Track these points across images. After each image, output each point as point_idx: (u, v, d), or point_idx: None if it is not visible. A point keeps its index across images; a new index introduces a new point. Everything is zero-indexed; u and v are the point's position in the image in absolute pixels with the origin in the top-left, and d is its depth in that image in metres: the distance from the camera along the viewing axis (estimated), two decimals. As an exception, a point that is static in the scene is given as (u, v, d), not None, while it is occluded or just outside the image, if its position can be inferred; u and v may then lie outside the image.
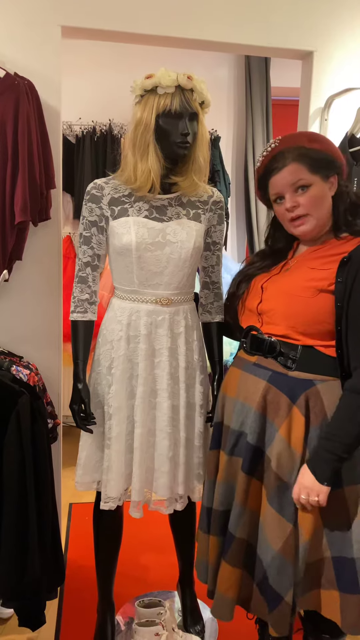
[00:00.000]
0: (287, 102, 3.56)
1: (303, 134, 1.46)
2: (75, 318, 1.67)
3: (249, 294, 1.49)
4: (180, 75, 1.48)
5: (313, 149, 1.38)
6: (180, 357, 1.65)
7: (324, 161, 1.38)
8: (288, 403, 1.36)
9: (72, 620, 1.98)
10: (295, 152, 1.38)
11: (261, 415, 1.39)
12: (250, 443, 1.41)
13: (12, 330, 2.03)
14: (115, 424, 1.62)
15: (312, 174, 1.37)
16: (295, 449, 1.35)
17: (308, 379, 1.36)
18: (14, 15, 1.87)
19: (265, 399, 1.39)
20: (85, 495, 1.86)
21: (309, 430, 1.35)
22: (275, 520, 1.36)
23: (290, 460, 1.36)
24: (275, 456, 1.37)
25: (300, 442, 1.35)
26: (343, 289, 1.31)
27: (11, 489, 1.54)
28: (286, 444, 1.36)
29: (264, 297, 1.44)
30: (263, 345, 1.41)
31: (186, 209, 1.63)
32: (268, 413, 1.39)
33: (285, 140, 1.42)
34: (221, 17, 2.01)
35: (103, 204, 1.60)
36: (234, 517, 1.43)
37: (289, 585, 1.35)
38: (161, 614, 1.86)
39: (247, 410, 1.42)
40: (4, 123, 1.75)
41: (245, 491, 1.42)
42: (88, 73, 3.27)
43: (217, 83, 3.39)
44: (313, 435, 1.35)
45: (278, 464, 1.36)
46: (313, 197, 1.37)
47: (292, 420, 1.36)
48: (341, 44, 2.11)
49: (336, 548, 1.35)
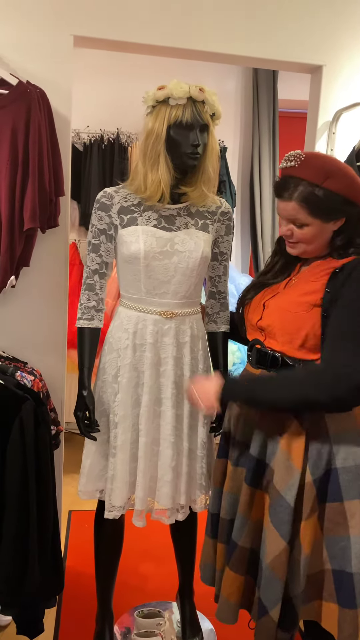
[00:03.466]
0: (294, 115, 3.58)
1: (326, 165, 1.32)
2: (82, 325, 1.67)
3: (251, 309, 1.51)
4: (192, 87, 1.49)
5: (325, 189, 1.29)
6: (185, 366, 1.66)
7: (331, 207, 1.32)
8: (289, 417, 1.37)
9: (71, 629, 1.96)
10: (303, 191, 1.30)
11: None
12: (253, 455, 1.42)
13: (17, 336, 2.03)
14: (121, 432, 1.62)
15: (312, 217, 1.32)
16: (294, 464, 1.35)
17: None
18: (27, 25, 1.89)
19: (266, 413, 1.40)
20: (85, 502, 1.85)
21: (309, 444, 1.35)
22: (272, 535, 1.36)
23: (289, 475, 1.35)
24: (275, 469, 1.37)
25: (300, 457, 1.35)
26: (330, 298, 1.31)
27: (13, 494, 1.53)
28: (286, 457, 1.36)
29: (264, 314, 1.45)
30: (266, 358, 1.42)
31: (194, 219, 1.64)
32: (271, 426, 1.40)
33: (305, 164, 1.31)
34: (231, 30, 2.03)
35: (112, 212, 1.61)
36: (237, 526, 1.44)
37: (276, 601, 1.36)
38: (160, 625, 1.85)
39: (250, 423, 1.43)
40: (16, 130, 1.76)
41: (248, 503, 1.42)
42: (97, 81, 3.30)
43: (225, 94, 3.41)
44: (313, 450, 1.35)
45: (277, 478, 1.37)
46: (307, 234, 1.35)
47: (292, 434, 1.36)
48: (350, 58, 2.12)
49: (336, 562, 1.35)
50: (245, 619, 1.52)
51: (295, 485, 1.34)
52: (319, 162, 1.33)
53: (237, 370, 3.00)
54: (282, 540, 1.34)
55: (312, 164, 1.32)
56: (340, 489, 1.33)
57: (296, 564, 1.36)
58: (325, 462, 1.35)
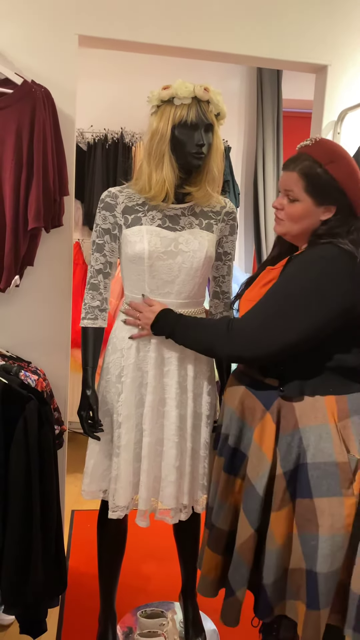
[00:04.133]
0: (298, 114, 3.58)
1: (334, 150, 1.37)
2: (86, 325, 1.67)
3: (240, 304, 1.54)
4: (197, 87, 1.49)
5: (326, 170, 1.33)
6: (189, 366, 1.65)
7: (325, 189, 1.34)
8: (262, 409, 1.41)
9: (73, 628, 1.96)
10: (306, 165, 1.34)
11: (239, 419, 1.46)
12: (230, 445, 1.48)
13: (21, 335, 2.03)
14: (125, 432, 1.62)
15: (305, 192, 1.34)
16: (266, 454, 1.38)
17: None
18: (33, 24, 1.89)
19: (243, 403, 1.46)
20: (88, 502, 1.85)
21: (280, 437, 1.38)
22: (243, 521, 1.41)
23: (260, 465, 1.39)
24: (249, 458, 1.43)
25: (270, 448, 1.38)
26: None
27: (16, 493, 1.53)
28: (258, 447, 1.40)
29: (239, 307, 1.50)
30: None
31: (199, 218, 1.64)
32: (246, 417, 1.45)
33: (317, 145, 1.37)
34: (235, 30, 2.02)
35: (117, 212, 1.61)
36: (215, 509, 1.52)
37: (242, 583, 1.42)
38: (163, 625, 1.85)
39: (231, 414, 1.49)
40: (20, 130, 1.76)
41: (225, 488, 1.49)
42: (101, 81, 3.30)
43: (229, 94, 3.41)
44: (283, 443, 1.37)
45: (249, 467, 1.41)
46: (294, 212, 1.37)
47: (264, 426, 1.40)
48: (355, 58, 2.12)
49: (308, 561, 1.35)
50: (247, 619, 1.52)
51: (266, 476, 1.37)
52: (329, 145, 1.39)
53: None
54: (250, 527, 1.39)
55: (323, 146, 1.38)
56: (309, 485, 1.33)
57: (268, 553, 1.38)
58: (295, 456, 1.36)
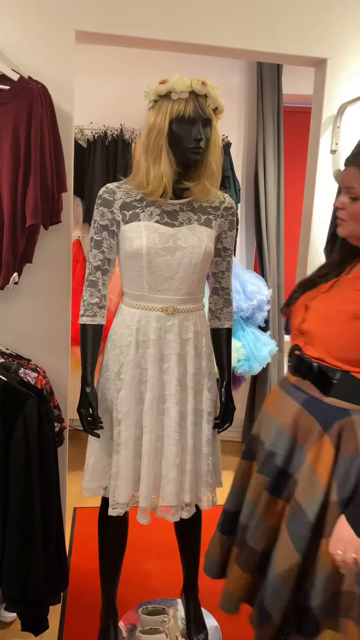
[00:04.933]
0: (299, 109, 3.55)
1: None
2: (85, 322, 1.66)
3: (294, 311, 1.40)
4: (194, 81, 1.48)
5: None
6: (189, 363, 1.64)
7: None
8: (319, 430, 1.27)
9: (75, 625, 1.96)
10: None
11: (291, 439, 1.32)
12: (277, 465, 1.34)
13: (20, 333, 2.03)
14: (124, 429, 1.62)
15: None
16: (320, 479, 1.25)
17: (344, 408, 1.25)
18: (29, 20, 1.88)
19: (297, 422, 1.31)
20: (90, 499, 1.85)
21: (338, 461, 1.25)
22: (286, 545, 1.28)
23: (312, 490, 1.26)
24: (299, 482, 1.29)
25: (326, 474, 1.25)
26: None
27: (17, 491, 1.53)
28: (311, 471, 1.27)
29: (306, 316, 1.34)
30: (302, 366, 1.33)
31: (197, 214, 1.63)
32: (299, 437, 1.31)
33: None
34: (234, 24, 2.01)
35: (115, 208, 1.60)
36: (251, 527, 1.38)
37: (280, 609, 1.30)
38: (165, 622, 1.84)
39: (279, 432, 1.35)
40: (17, 126, 1.75)
41: (266, 508, 1.36)
42: (100, 77, 3.28)
43: (229, 89, 3.39)
44: (342, 468, 1.24)
45: (300, 491, 1.28)
46: (357, 211, 1.25)
47: (321, 448, 1.27)
48: (355, 51, 2.10)
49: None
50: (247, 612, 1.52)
51: (319, 502, 1.24)
52: None
53: (242, 367, 2.99)
54: (296, 554, 1.26)
55: None
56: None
57: (319, 577, 1.26)
58: (353, 483, 1.23)
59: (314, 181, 2.17)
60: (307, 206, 2.23)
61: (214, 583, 1.60)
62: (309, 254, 2.20)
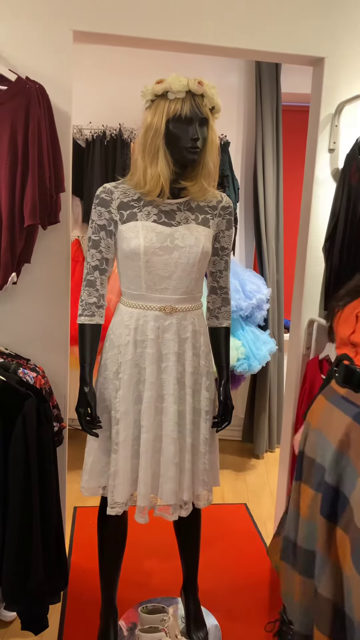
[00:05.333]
0: (298, 108, 3.55)
1: None
2: (83, 321, 1.67)
3: (342, 319, 1.33)
4: (191, 81, 1.48)
5: None
6: (187, 362, 1.65)
7: None
8: None
9: (75, 624, 1.97)
10: None
11: (341, 455, 1.23)
12: (328, 483, 1.24)
13: (19, 333, 2.03)
14: (122, 428, 1.62)
15: None
16: None
17: None
18: (27, 20, 1.88)
19: (348, 437, 1.21)
20: (90, 498, 1.86)
21: None
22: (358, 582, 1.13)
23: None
24: (354, 507, 1.17)
25: None
26: None
27: (16, 491, 1.54)
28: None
29: (357, 327, 1.29)
30: (354, 377, 1.26)
31: (195, 213, 1.63)
32: (351, 454, 1.21)
33: None
34: (232, 23, 2.01)
35: (112, 208, 1.60)
36: (318, 565, 1.25)
37: None
38: (165, 621, 1.85)
39: (327, 446, 1.27)
40: (15, 126, 1.75)
41: (326, 540, 1.24)
42: (99, 77, 3.28)
43: (227, 89, 3.39)
44: None
45: (358, 518, 1.15)
46: None
47: None
48: (352, 50, 2.10)
49: None
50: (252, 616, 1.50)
51: None
52: None
53: (241, 365, 2.99)
54: None
55: None
56: None
57: None
58: None
59: (312, 180, 2.17)
60: (306, 205, 2.23)
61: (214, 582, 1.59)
62: (307, 253, 2.20)
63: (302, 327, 2.24)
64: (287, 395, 2.38)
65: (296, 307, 2.30)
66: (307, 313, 2.23)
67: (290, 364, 2.36)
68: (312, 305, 2.23)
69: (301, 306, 2.24)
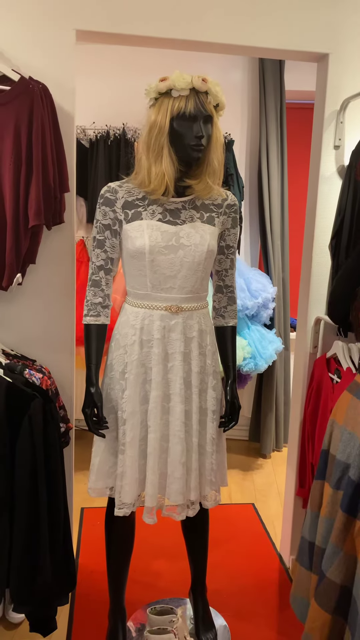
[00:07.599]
0: (302, 106, 3.54)
1: None
2: (88, 322, 1.66)
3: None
4: (194, 78, 1.47)
5: None
6: (193, 361, 1.64)
7: None
8: None
9: (84, 625, 1.96)
10: None
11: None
12: (353, 479, 1.23)
13: (25, 334, 2.03)
14: (129, 429, 1.61)
15: None
16: None
17: None
18: (29, 19, 1.88)
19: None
20: (97, 499, 1.85)
21: None
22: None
23: None
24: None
25: None
26: None
27: (23, 492, 1.53)
28: None
29: None
30: None
31: (200, 212, 1.62)
32: None
33: None
34: (236, 20, 2.00)
35: (117, 207, 1.59)
36: (327, 554, 1.27)
37: None
38: (173, 622, 1.84)
39: (354, 441, 1.25)
40: (19, 127, 1.75)
41: (342, 531, 1.24)
42: (102, 77, 3.28)
43: (231, 86, 3.38)
44: None
45: None
46: None
47: None
48: (357, 45, 2.08)
49: None
50: (261, 616, 1.49)
51: None
52: None
53: (247, 365, 2.97)
54: None
55: None
56: None
57: None
58: None
59: (317, 177, 2.16)
60: (311, 202, 2.22)
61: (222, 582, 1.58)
62: (313, 251, 2.19)
63: (309, 325, 2.22)
64: (294, 394, 2.37)
65: (302, 305, 2.28)
66: (313, 311, 2.22)
67: (297, 362, 2.35)
68: (319, 304, 2.21)
69: (307, 304, 2.22)
